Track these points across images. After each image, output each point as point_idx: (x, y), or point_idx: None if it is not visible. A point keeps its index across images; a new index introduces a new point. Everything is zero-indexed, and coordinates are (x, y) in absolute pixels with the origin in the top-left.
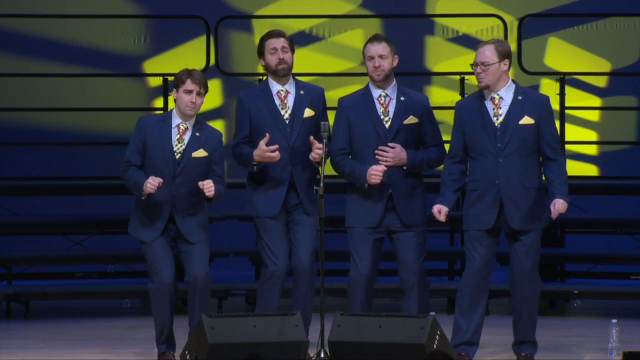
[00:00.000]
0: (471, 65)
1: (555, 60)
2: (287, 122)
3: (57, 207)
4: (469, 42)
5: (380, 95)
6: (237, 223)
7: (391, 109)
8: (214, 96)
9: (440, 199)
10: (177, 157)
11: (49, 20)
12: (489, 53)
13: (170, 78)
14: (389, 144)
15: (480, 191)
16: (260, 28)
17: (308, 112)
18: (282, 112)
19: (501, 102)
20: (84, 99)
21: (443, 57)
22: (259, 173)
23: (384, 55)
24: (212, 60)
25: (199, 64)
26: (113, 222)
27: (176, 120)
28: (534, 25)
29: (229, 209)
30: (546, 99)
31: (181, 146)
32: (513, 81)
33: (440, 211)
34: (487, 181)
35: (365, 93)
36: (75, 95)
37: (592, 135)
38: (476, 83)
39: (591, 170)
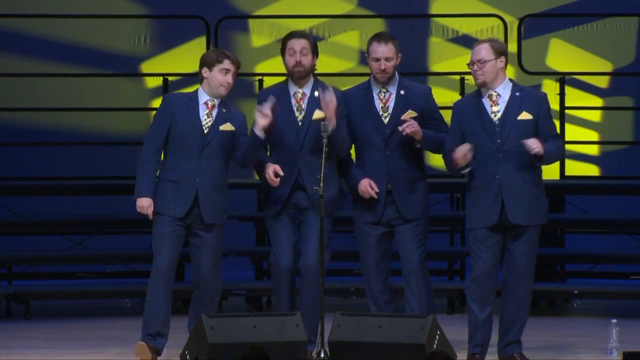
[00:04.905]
0: (467, 64)
1: (555, 60)
2: (300, 124)
3: (57, 207)
4: (469, 42)
5: (380, 91)
6: (237, 223)
7: (391, 104)
8: None
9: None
10: (206, 131)
11: (49, 20)
12: (485, 51)
13: (171, 78)
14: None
15: (481, 188)
16: (258, 28)
17: (318, 115)
18: (297, 114)
19: (498, 98)
20: (84, 99)
21: (443, 57)
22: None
23: (390, 58)
24: None
25: (199, 64)
26: (113, 222)
27: (204, 97)
28: (534, 26)
29: (229, 209)
30: (544, 95)
31: (210, 120)
32: (510, 79)
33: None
34: (488, 178)
35: (367, 88)
36: (75, 95)
37: (593, 136)
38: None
39: (592, 170)
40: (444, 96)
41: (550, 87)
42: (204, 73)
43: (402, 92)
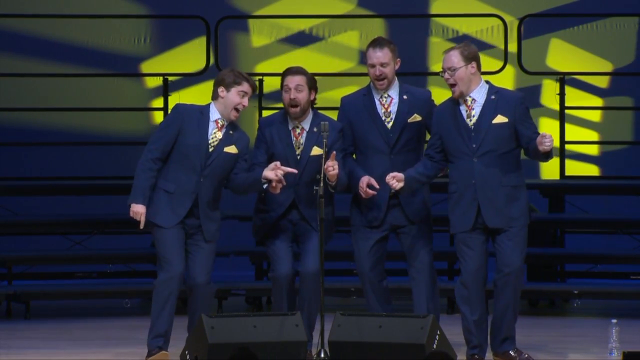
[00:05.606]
0: (439, 73)
1: (555, 60)
2: (298, 158)
3: (57, 207)
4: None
5: (382, 96)
6: (237, 223)
7: (393, 108)
8: None
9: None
10: (210, 150)
11: (49, 20)
12: (454, 58)
13: (171, 78)
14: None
15: (459, 193)
16: (258, 28)
17: (316, 151)
18: (296, 149)
19: (474, 103)
20: (84, 99)
21: None
22: (264, 204)
23: (385, 63)
24: (212, 60)
25: (199, 64)
26: (113, 222)
27: (215, 114)
28: (534, 25)
29: (229, 209)
30: (520, 96)
31: (216, 140)
32: (486, 82)
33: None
34: (464, 182)
35: (367, 93)
36: (75, 95)
37: (593, 136)
38: None
39: (592, 170)
40: (444, 96)
41: (550, 87)
42: (220, 92)
43: (405, 97)
